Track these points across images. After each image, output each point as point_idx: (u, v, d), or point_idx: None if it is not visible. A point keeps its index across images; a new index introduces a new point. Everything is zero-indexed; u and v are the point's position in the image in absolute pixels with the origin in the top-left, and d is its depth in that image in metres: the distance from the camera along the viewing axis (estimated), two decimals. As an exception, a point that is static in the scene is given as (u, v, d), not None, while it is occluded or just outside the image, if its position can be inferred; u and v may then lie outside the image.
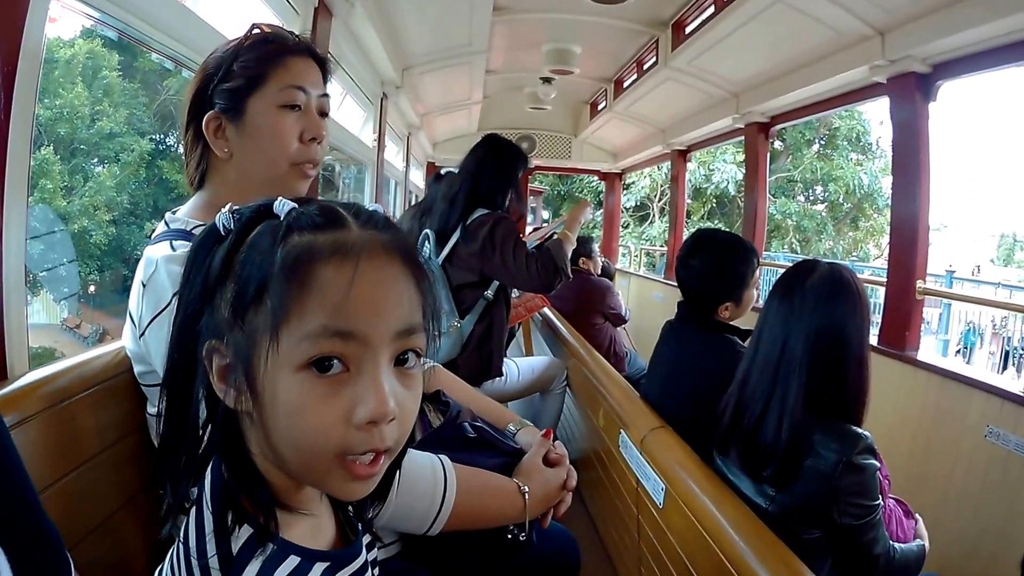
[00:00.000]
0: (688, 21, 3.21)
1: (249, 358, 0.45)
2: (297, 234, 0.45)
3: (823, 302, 1.14)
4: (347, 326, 0.44)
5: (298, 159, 0.93)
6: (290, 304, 0.44)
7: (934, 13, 2.05)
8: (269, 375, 0.44)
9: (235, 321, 0.46)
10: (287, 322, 0.44)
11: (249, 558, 0.45)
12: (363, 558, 0.57)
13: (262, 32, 0.92)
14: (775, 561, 0.89)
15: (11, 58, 0.85)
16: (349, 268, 0.45)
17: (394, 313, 0.47)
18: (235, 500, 0.47)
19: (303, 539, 0.50)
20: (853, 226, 14.18)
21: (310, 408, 0.44)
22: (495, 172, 1.96)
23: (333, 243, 0.45)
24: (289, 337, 0.44)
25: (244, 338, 0.45)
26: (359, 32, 2.73)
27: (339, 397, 0.45)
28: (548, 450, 1.00)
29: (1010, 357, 7.01)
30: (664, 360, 1.60)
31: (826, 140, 13.69)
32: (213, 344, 0.47)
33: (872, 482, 1.08)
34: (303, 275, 0.44)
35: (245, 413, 0.47)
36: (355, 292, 0.44)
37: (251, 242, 0.47)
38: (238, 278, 0.46)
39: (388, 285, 0.47)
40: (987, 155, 25.46)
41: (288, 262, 0.44)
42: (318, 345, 0.44)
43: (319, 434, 0.45)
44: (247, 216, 0.49)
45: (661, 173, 13.15)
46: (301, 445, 0.45)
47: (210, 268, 0.48)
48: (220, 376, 0.47)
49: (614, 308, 3.27)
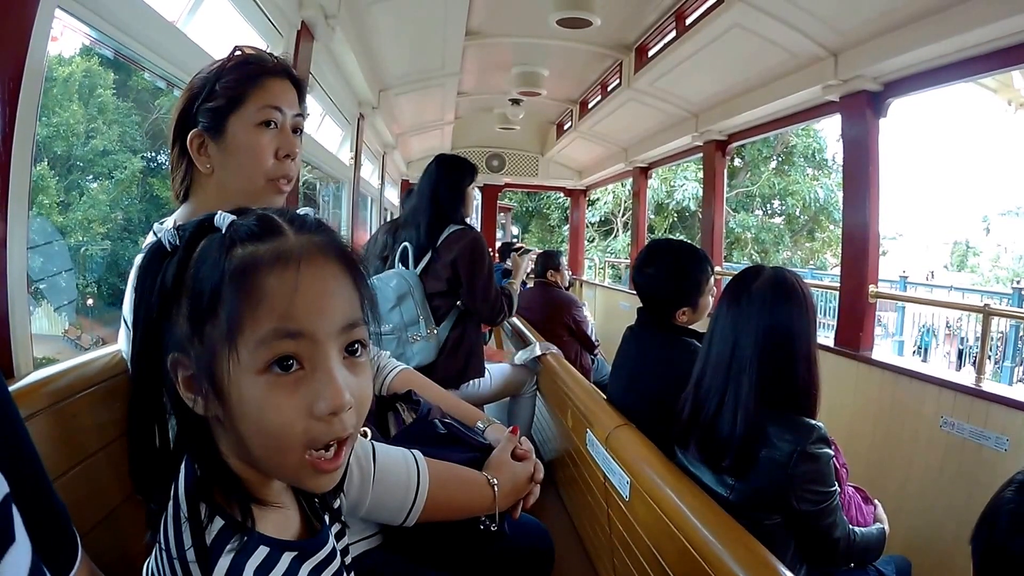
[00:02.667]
0: (650, 45, 3.37)
1: (211, 368, 0.48)
2: (239, 246, 0.48)
3: (769, 304, 1.18)
4: (296, 327, 0.48)
5: (273, 175, 0.97)
6: (243, 315, 0.47)
7: (884, 35, 2.19)
8: (233, 381, 0.47)
9: (193, 335, 0.48)
10: (241, 331, 0.47)
11: (223, 549, 0.48)
12: (330, 546, 0.60)
13: (243, 54, 0.97)
14: (738, 546, 0.92)
15: (16, 75, 0.89)
16: (292, 273, 0.48)
17: (337, 310, 0.50)
18: (207, 494, 0.50)
19: (272, 531, 0.53)
20: (810, 237, 14.70)
21: (273, 408, 0.48)
22: (451, 188, 2.07)
23: (274, 251, 0.48)
24: (245, 345, 0.47)
25: (204, 351, 0.48)
26: (339, 55, 2.79)
27: (299, 394, 0.48)
28: (515, 446, 1.03)
29: (964, 356, 7.34)
30: (626, 363, 1.65)
31: (783, 157, 14.23)
32: (176, 357, 0.50)
33: (827, 469, 1.13)
34: (250, 286, 0.47)
35: (214, 418, 0.50)
36: (299, 295, 0.48)
37: (198, 257, 0.50)
38: (191, 293, 0.49)
39: (328, 284, 0.50)
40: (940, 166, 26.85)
41: (236, 275, 0.47)
42: (272, 348, 0.47)
43: (285, 430, 0.48)
44: (190, 231, 0.51)
45: (624, 189, 13.44)
46: (270, 443, 0.49)
47: (163, 284, 0.50)
48: (187, 386, 0.50)
49: (579, 320, 3.35)
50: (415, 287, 2.00)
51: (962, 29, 1.91)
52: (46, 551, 0.49)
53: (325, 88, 2.97)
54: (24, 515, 0.42)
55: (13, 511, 0.41)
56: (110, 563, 0.86)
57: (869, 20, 2.20)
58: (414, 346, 1.97)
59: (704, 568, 0.93)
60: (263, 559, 0.50)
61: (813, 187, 13.62)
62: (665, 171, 13.15)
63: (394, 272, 2.05)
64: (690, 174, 13.31)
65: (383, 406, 1.16)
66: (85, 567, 0.60)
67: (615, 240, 14.96)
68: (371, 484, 0.87)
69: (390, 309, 1.98)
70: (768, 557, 0.89)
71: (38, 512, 0.55)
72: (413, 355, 1.95)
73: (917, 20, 2.04)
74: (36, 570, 0.41)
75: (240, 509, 0.50)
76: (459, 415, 1.16)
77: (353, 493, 0.86)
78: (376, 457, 0.89)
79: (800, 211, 14.02)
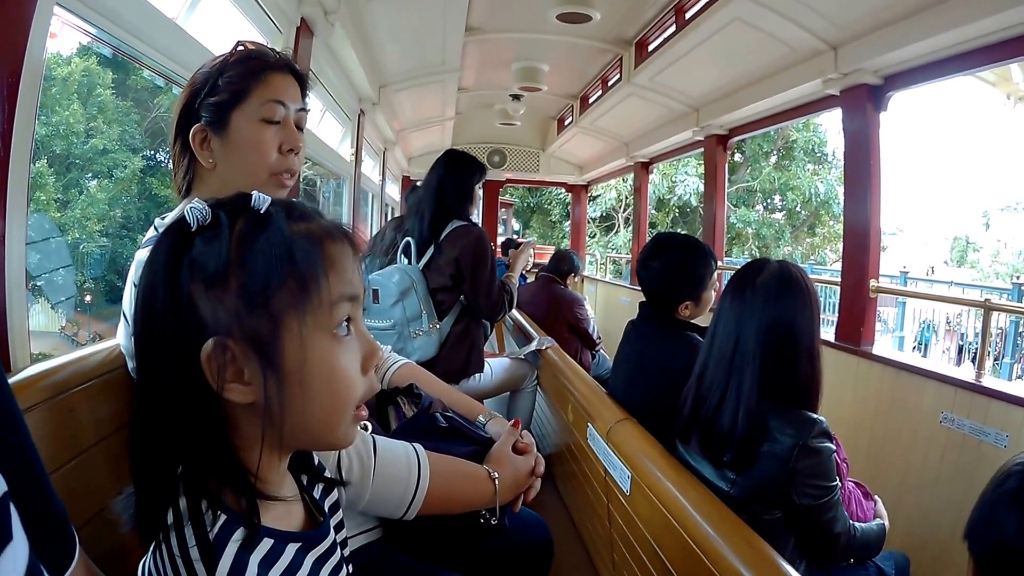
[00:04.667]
0: (650, 40, 3.36)
1: (275, 338, 0.48)
2: (293, 222, 0.51)
3: (773, 298, 1.17)
4: (355, 291, 0.53)
5: (276, 169, 0.97)
6: (319, 278, 0.50)
7: (884, 28, 2.18)
8: (304, 346, 0.49)
9: (253, 308, 0.47)
10: (320, 294, 0.50)
11: (226, 542, 0.48)
12: (331, 538, 0.60)
13: (246, 49, 0.97)
14: (739, 541, 0.92)
15: (14, 71, 0.89)
16: (341, 245, 0.53)
17: (360, 279, 0.55)
18: (208, 489, 0.49)
19: (275, 523, 0.53)
20: (810, 233, 14.69)
21: (340, 367, 0.52)
22: (457, 184, 2.06)
23: (326, 227, 0.53)
24: (320, 308, 0.50)
25: (265, 322, 0.48)
26: (338, 51, 2.80)
27: (353, 353, 0.54)
28: (516, 439, 1.03)
29: (964, 351, 7.34)
30: (627, 357, 1.64)
31: (784, 152, 14.21)
32: (219, 340, 0.47)
33: (828, 464, 1.12)
34: (322, 253, 0.51)
35: (245, 406, 0.49)
36: (352, 264, 0.54)
37: (247, 232, 0.49)
38: (251, 266, 0.47)
39: (355, 259, 0.55)
40: (939, 162, 26.83)
41: (306, 243, 0.50)
42: (343, 309, 0.52)
43: (351, 387, 0.53)
44: (228, 209, 0.50)
45: (626, 185, 13.43)
46: (336, 403, 0.53)
47: (201, 263, 0.48)
48: (232, 369, 0.48)
49: (582, 319, 3.36)
50: (418, 282, 1.99)
51: (961, 22, 1.91)
52: (44, 549, 0.49)
53: (325, 84, 2.97)
54: (22, 513, 0.42)
55: (11, 510, 0.41)
56: (105, 556, 0.86)
57: (869, 13, 2.20)
58: (415, 341, 1.96)
59: (704, 562, 0.93)
60: (267, 551, 0.50)
61: (813, 182, 13.60)
62: (666, 166, 13.13)
63: (395, 268, 2.04)
64: (691, 169, 13.31)
65: (384, 400, 1.16)
66: (82, 565, 0.60)
67: (616, 236, 14.97)
68: (372, 477, 0.87)
69: (392, 304, 1.96)
70: (769, 552, 0.89)
71: (36, 511, 0.55)
72: (414, 350, 1.95)
73: (916, 13, 2.03)
74: (33, 569, 0.41)
75: (247, 502, 0.50)
76: (460, 409, 1.16)
77: (354, 486, 0.86)
78: (377, 450, 0.89)
79: (801, 206, 14.01)
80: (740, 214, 13.75)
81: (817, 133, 13.93)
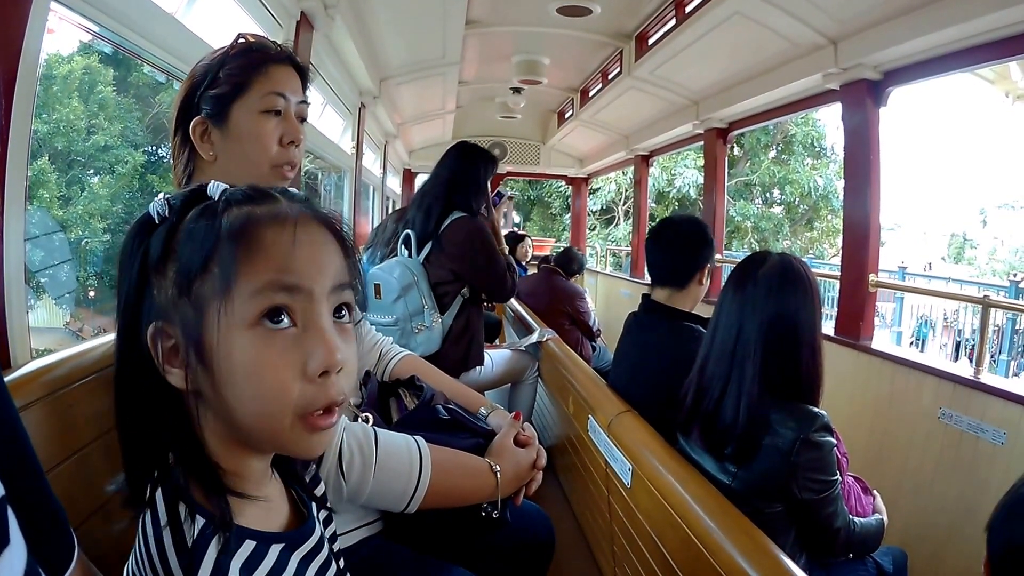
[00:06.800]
0: (651, 33, 3.34)
1: (199, 327, 0.46)
2: (235, 207, 0.48)
3: (775, 291, 1.17)
4: (292, 280, 0.47)
5: (278, 161, 0.97)
6: (238, 264, 0.46)
7: (884, 23, 2.18)
8: (222, 340, 0.46)
9: (181, 296, 0.47)
10: (237, 282, 0.46)
11: (206, 547, 0.46)
12: (318, 534, 0.58)
13: (247, 42, 0.97)
14: (739, 534, 0.92)
15: (11, 67, 0.88)
16: (289, 230, 0.48)
17: (330, 269, 0.50)
18: (186, 493, 0.48)
19: (256, 523, 0.51)
20: (808, 227, 14.70)
21: (267, 365, 0.46)
22: (467, 177, 2.03)
23: (271, 211, 0.49)
24: (239, 296, 0.46)
25: (192, 309, 0.46)
26: (339, 44, 2.78)
27: (292, 352, 0.47)
28: (518, 431, 1.03)
29: (961, 347, 7.36)
30: (629, 349, 1.64)
31: (783, 146, 14.18)
32: (158, 326, 0.48)
33: (829, 458, 1.12)
34: (248, 238, 0.47)
35: (192, 392, 0.48)
36: (296, 250, 0.48)
37: (190, 220, 0.49)
38: (181, 254, 0.47)
39: (323, 246, 0.50)
40: (937, 158, 26.80)
41: (233, 228, 0.47)
42: (268, 298, 0.47)
43: (278, 390, 0.47)
44: (182, 200, 0.50)
45: (626, 178, 13.42)
46: (262, 406, 0.47)
47: (147, 253, 0.49)
48: (168, 356, 0.48)
49: (583, 312, 3.37)
50: (420, 276, 1.96)
51: (962, 19, 1.90)
52: (42, 552, 0.48)
53: (326, 78, 2.95)
54: (20, 516, 0.41)
55: (8, 513, 0.40)
56: (103, 554, 0.86)
57: (869, 9, 2.19)
58: (418, 336, 1.93)
59: (705, 555, 0.93)
60: (249, 554, 0.48)
61: (812, 176, 13.58)
62: (666, 159, 13.12)
63: (396, 261, 2.00)
64: (690, 162, 13.28)
65: (386, 392, 1.15)
66: (80, 566, 0.60)
67: (616, 228, 14.96)
68: (373, 470, 0.87)
69: (394, 300, 1.93)
70: (769, 545, 0.89)
71: (34, 513, 0.54)
72: (417, 346, 1.91)
73: (917, 9, 2.03)
74: (31, 572, 0.41)
75: (219, 503, 0.48)
76: (462, 401, 1.16)
77: (354, 479, 0.86)
78: (378, 443, 0.89)
79: (799, 200, 14.00)
80: (739, 207, 13.77)
81: (816, 127, 13.90)
